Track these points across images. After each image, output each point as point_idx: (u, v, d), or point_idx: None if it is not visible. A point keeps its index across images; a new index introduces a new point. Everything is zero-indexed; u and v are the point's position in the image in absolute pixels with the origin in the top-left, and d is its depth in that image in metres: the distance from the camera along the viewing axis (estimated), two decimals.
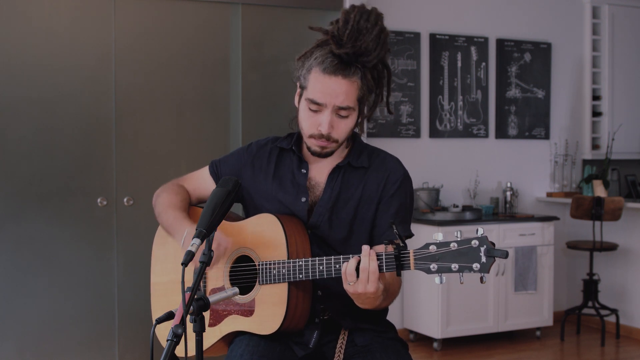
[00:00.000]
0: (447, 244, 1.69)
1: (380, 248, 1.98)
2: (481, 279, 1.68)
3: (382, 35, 1.94)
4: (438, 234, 1.71)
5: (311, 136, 1.95)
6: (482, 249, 1.67)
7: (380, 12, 1.96)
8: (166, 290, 2.13)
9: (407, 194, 2.05)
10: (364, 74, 1.94)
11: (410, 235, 2.03)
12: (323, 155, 1.98)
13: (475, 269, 1.67)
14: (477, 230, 1.69)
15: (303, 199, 2.00)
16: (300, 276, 1.87)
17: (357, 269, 1.75)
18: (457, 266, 1.68)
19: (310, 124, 1.95)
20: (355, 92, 1.93)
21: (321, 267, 1.85)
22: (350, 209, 1.99)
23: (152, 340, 1.62)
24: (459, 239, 1.69)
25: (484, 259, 1.67)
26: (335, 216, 1.98)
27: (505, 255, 1.65)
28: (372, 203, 2.00)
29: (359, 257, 1.75)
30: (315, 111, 1.93)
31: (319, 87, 1.91)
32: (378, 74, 2.02)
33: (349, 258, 1.81)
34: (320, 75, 1.91)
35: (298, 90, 2.03)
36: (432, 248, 1.70)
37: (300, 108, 2.00)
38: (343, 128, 1.95)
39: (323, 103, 1.91)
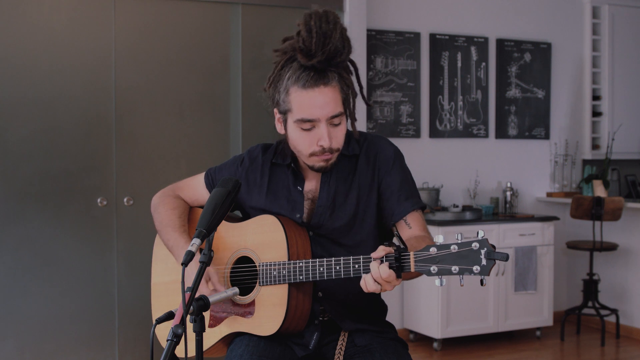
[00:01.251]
0: (447, 246, 1.69)
1: (405, 229, 1.95)
2: (481, 281, 1.67)
3: (345, 33, 1.91)
4: (439, 236, 1.71)
5: (312, 154, 1.92)
6: (483, 251, 1.66)
7: (335, 12, 1.92)
8: (167, 290, 2.13)
9: (404, 168, 2.03)
10: (340, 75, 1.92)
11: (424, 205, 2.01)
12: (329, 168, 1.95)
13: (475, 271, 1.66)
14: (477, 233, 1.69)
15: (297, 215, 1.99)
16: (301, 277, 1.87)
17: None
18: (457, 268, 1.67)
19: (308, 143, 1.91)
20: (339, 96, 1.90)
21: (321, 269, 1.84)
22: (353, 198, 1.98)
23: (152, 340, 1.62)
24: (459, 242, 1.69)
25: (484, 262, 1.66)
26: (338, 209, 1.97)
27: (505, 258, 1.65)
28: (373, 188, 1.99)
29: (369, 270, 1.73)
30: (308, 130, 1.89)
31: (306, 103, 1.87)
32: (348, 74, 1.99)
33: (349, 260, 1.80)
34: (302, 92, 1.87)
35: (278, 116, 1.98)
36: (433, 250, 1.70)
37: (289, 132, 1.94)
38: (340, 136, 1.93)
39: (315, 118, 1.87)
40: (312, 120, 1.88)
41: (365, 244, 2.00)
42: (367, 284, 1.73)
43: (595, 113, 5.99)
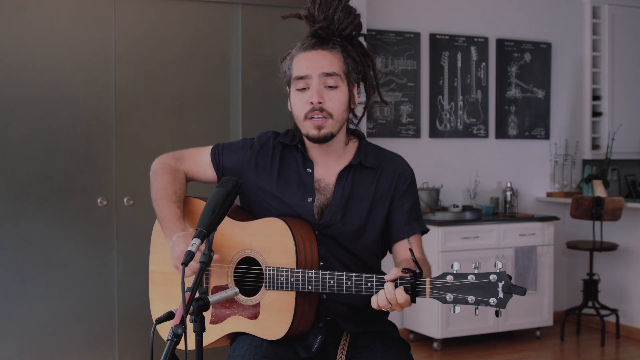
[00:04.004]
0: (464, 275, 1.67)
1: (403, 244, 1.97)
2: (497, 312, 1.66)
3: (352, 9, 1.99)
4: (455, 264, 1.69)
5: (305, 116, 1.94)
6: (501, 284, 1.64)
7: None
8: (165, 280, 2.11)
9: (416, 190, 2.07)
10: (343, 47, 1.97)
11: (427, 229, 2.06)
12: (322, 138, 1.94)
13: (492, 303, 1.65)
14: (495, 264, 1.67)
15: (309, 199, 1.98)
16: (309, 287, 1.86)
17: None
18: (473, 299, 1.66)
19: (302, 104, 1.94)
20: (339, 64, 1.95)
21: (332, 282, 1.83)
22: (365, 207, 1.98)
23: (152, 340, 1.62)
24: (476, 272, 1.67)
25: (501, 295, 1.64)
26: (349, 215, 1.97)
27: (523, 292, 1.62)
28: (385, 202, 2.00)
29: (384, 291, 1.74)
30: (303, 89, 1.94)
31: (302, 63, 1.94)
32: (361, 61, 2.03)
33: (361, 277, 1.79)
34: (301, 54, 1.96)
35: (287, 91, 2.02)
36: (449, 278, 1.68)
37: (291, 98, 1.99)
38: (335, 99, 1.93)
39: (307, 74, 1.92)
40: (304, 77, 1.93)
41: (368, 254, 2.01)
42: (380, 302, 1.73)
43: (595, 113, 5.99)
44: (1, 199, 3.83)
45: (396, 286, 1.72)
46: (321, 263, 1.96)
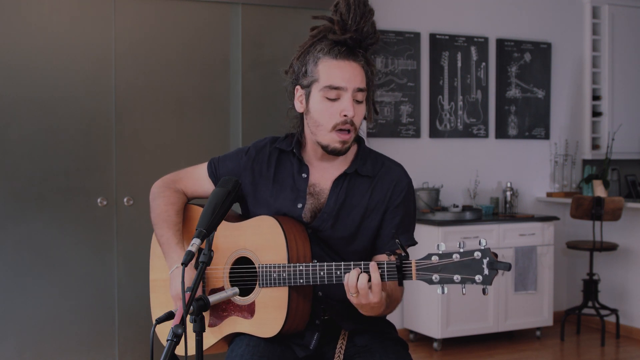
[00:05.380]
0: (449, 255, 1.68)
1: (382, 257, 1.97)
2: (483, 290, 1.67)
3: (375, 23, 2.00)
4: (441, 244, 1.69)
5: (334, 127, 1.92)
6: (485, 260, 1.65)
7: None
8: (166, 287, 2.12)
9: (412, 202, 2.04)
10: (366, 59, 1.97)
11: (414, 243, 2.02)
12: (343, 151, 1.95)
13: (477, 280, 1.66)
14: (479, 242, 1.67)
15: (299, 205, 1.98)
16: (301, 281, 1.86)
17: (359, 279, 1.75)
18: (459, 277, 1.66)
19: (331, 114, 1.91)
20: (365, 77, 1.95)
21: (322, 273, 1.84)
22: (357, 216, 1.98)
23: (152, 340, 1.63)
24: (461, 250, 1.68)
25: (486, 271, 1.65)
26: (340, 222, 1.97)
27: (508, 267, 1.64)
28: (379, 212, 1.99)
29: (361, 269, 1.75)
30: (333, 100, 1.91)
31: (336, 72, 1.91)
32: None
33: (350, 266, 1.80)
34: (333, 62, 1.92)
35: (299, 93, 1.99)
36: (435, 259, 1.68)
37: (313, 104, 1.94)
38: (359, 114, 1.95)
39: (343, 87, 1.90)
40: (338, 89, 1.91)
41: (358, 260, 2.00)
42: (349, 284, 1.74)
43: (595, 113, 5.99)
44: (1, 199, 3.83)
45: (381, 272, 1.73)
46: (315, 260, 1.96)
